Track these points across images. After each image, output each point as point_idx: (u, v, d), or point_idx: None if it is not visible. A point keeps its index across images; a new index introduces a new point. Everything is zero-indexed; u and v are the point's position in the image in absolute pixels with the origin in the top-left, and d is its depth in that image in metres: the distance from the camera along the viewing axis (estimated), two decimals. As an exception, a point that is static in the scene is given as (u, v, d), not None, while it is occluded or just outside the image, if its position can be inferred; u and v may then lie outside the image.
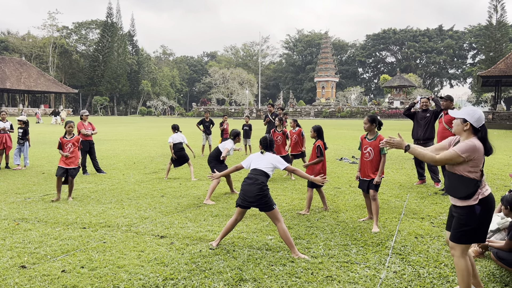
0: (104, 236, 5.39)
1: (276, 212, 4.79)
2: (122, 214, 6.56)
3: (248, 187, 4.82)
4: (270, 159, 5.01)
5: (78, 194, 8.15)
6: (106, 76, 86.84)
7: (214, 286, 3.85)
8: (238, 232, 5.55)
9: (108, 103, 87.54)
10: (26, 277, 4.03)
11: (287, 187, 9.02)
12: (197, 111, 78.56)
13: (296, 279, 4.03)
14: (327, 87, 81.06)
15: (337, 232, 5.64)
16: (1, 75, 65.71)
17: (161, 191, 8.59)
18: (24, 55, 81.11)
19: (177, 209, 7.01)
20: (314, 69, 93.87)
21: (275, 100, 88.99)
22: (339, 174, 10.72)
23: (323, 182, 5.06)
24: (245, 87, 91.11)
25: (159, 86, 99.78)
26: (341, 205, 7.27)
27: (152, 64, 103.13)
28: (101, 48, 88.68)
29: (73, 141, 7.94)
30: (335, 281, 4.00)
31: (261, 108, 75.65)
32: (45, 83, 71.79)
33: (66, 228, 5.75)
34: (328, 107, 71.40)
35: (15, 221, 6.12)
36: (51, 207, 7.02)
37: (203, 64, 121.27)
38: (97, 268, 4.28)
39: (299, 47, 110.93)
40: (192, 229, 5.73)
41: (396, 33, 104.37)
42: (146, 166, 12.45)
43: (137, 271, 4.20)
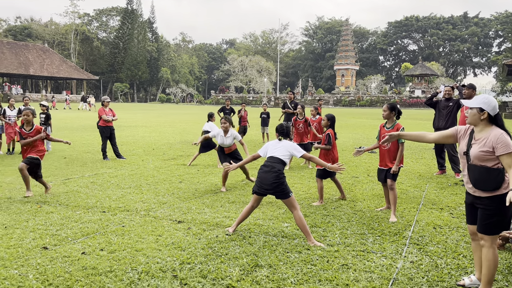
0: (123, 220, 5.49)
1: (293, 199, 4.79)
2: (141, 199, 6.67)
3: (264, 175, 4.81)
4: (287, 146, 4.97)
5: (98, 179, 8.30)
6: (126, 63, 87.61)
7: (230, 271, 3.89)
8: (254, 219, 5.58)
9: (128, 90, 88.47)
10: (47, 258, 4.14)
11: (304, 175, 9.00)
12: (215, 98, 78.73)
13: (311, 266, 4.04)
14: (346, 75, 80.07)
15: (354, 221, 5.61)
16: (25, 61, 66.95)
17: (179, 177, 8.67)
18: (46, 42, 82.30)
19: (195, 195, 7.08)
20: (334, 57, 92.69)
21: (293, 88, 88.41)
22: (357, 164, 10.63)
23: (341, 170, 5.00)
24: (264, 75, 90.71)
25: (178, 73, 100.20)
26: (358, 194, 7.23)
27: (171, 52, 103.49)
28: (121, 35, 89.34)
29: (32, 135, 6.94)
30: (350, 269, 3.99)
31: (279, 96, 75.34)
32: (67, 70, 72.88)
33: (86, 212, 5.88)
34: (347, 96, 70.58)
35: (38, 203, 6.29)
36: (72, 191, 7.18)
37: (221, 52, 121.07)
38: (116, 251, 4.37)
39: (319, 35, 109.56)
40: (209, 215, 5.79)
41: (419, 20, 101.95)
42: (165, 152, 12.58)
43: (155, 255, 4.27)
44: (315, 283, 3.68)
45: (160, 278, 3.72)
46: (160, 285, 3.58)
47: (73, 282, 3.60)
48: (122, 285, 3.56)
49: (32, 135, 6.71)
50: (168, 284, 3.61)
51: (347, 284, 3.68)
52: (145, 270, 3.89)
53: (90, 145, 14.14)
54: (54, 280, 3.65)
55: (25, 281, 3.61)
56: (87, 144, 14.45)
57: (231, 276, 3.77)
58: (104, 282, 3.61)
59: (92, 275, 3.75)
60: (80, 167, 9.84)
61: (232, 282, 3.65)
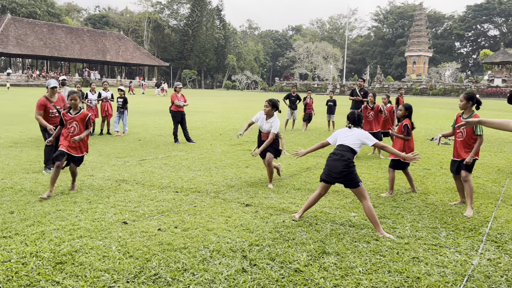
0: (195, 201, 5.75)
1: (362, 189, 4.71)
2: (211, 181, 6.92)
3: (333, 163, 4.75)
4: (358, 134, 4.85)
5: (170, 161, 8.72)
6: (195, 50, 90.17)
7: (298, 256, 3.95)
8: (320, 207, 5.59)
9: (196, 76, 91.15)
10: (127, 232, 4.47)
11: (371, 165, 8.80)
12: (279, 85, 78.68)
13: (380, 257, 3.99)
14: (418, 62, 76.26)
15: (425, 214, 5.42)
16: (103, 48, 71.23)
17: (246, 162, 8.86)
18: (122, 29, 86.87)
19: (261, 180, 7.20)
20: (405, 43, 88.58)
21: (360, 75, 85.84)
22: (429, 155, 10.18)
23: (415, 159, 4.83)
24: (330, 61, 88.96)
25: (244, 60, 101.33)
26: (430, 187, 6.94)
27: (238, 39, 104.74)
28: (191, 23, 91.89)
29: (78, 119, 6.11)
30: (422, 262, 3.89)
31: (345, 83, 73.58)
32: (140, 56, 76.53)
33: (161, 191, 6.23)
34: (418, 84, 67.30)
35: (117, 181, 6.76)
36: (147, 171, 7.62)
37: (287, 38, 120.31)
38: (189, 229, 4.60)
39: (389, 20, 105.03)
40: (275, 200, 5.88)
41: (502, 3, 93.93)
42: (231, 137, 12.88)
43: (225, 235, 4.44)
44: (384, 274, 3.63)
45: (230, 257, 3.87)
46: (230, 264, 3.73)
47: (151, 256, 3.86)
48: (195, 262, 3.76)
49: (77, 120, 6.04)
50: (238, 263, 3.75)
51: (418, 277, 3.59)
52: (216, 248, 4.07)
53: (162, 128, 14.84)
54: (134, 252, 3.93)
55: (109, 252, 3.93)
56: (159, 127, 15.18)
57: (299, 261, 3.83)
58: (179, 258, 3.83)
59: (168, 251, 4.00)
60: (153, 149, 10.38)
61: (299, 267, 3.71)
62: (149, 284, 3.34)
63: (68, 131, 6.07)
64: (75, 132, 6.05)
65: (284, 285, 3.39)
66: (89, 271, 3.52)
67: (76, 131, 6.07)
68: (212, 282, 3.40)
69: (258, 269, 3.66)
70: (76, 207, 5.30)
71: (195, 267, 3.64)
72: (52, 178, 5.85)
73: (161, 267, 3.64)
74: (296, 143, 12.00)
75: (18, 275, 3.41)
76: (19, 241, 4.15)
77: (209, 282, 3.40)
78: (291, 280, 3.47)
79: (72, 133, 6.04)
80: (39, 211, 5.11)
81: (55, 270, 3.54)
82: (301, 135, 14.05)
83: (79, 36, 69.52)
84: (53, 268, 3.57)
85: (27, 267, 3.57)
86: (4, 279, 3.33)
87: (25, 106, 24.20)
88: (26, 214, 4.98)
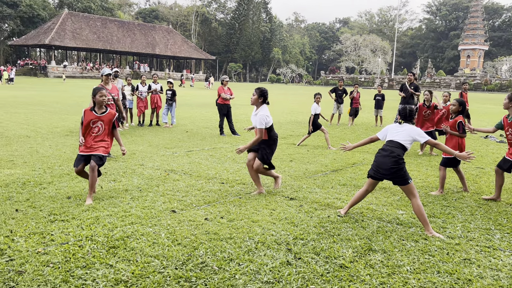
0: (240, 192, 5.83)
1: (412, 186, 4.57)
2: (255, 174, 6.98)
3: (382, 159, 4.64)
4: (409, 131, 4.70)
5: (216, 153, 8.88)
6: (240, 44, 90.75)
7: (343, 251, 3.92)
8: (367, 203, 5.50)
9: (241, 69, 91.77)
10: (176, 220, 4.61)
11: (421, 163, 8.53)
12: (325, 79, 77.63)
13: (429, 257, 3.88)
14: (473, 56, 72.63)
15: (478, 214, 5.20)
16: (152, 41, 73.22)
17: (290, 156, 8.85)
18: (170, 23, 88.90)
19: (305, 174, 7.18)
20: (459, 35, 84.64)
21: (410, 69, 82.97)
22: (483, 153, 9.73)
23: (470, 158, 4.63)
24: (378, 54, 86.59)
25: (289, 53, 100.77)
26: (484, 186, 6.64)
27: (283, 32, 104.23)
28: (237, 16, 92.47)
29: (106, 119, 5.42)
30: (474, 264, 3.74)
31: (394, 77, 71.43)
32: (187, 50, 78.01)
33: (207, 182, 6.36)
34: (472, 79, 64.14)
35: (166, 171, 6.98)
36: (194, 162, 7.80)
37: (334, 31, 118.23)
38: (234, 220, 4.68)
39: (443, 11, 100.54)
40: (320, 195, 5.85)
41: None
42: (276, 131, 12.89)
43: (270, 227, 4.48)
44: (433, 274, 3.53)
45: (275, 250, 3.91)
46: (275, 256, 3.77)
47: (198, 244, 3.97)
48: (240, 252, 3.82)
49: (103, 120, 5.38)
50: (283, 256, 3.78)
51: (470, 279, 3.46)
52: (261, 240, 4.12)
53: (209, 121, 15.11)
54: (182, 240, 4.06)
55: (158, 239, 4.08)
56: (206, 120, 15.46)
57: (344, 257, 3.80)
58: (225, 247, 3.91)
59: (214, 240, 4.09)
60: (200, 140, 10.61)
61: (345, 263, 3.68)
62: (196, 271, 3.44)
63: (91, 132, 5.35)
64: (99, 133, 5.38)
65: (329, 280, 3.38)
66: (140, 256, 3.67)
67: (101, 132, 5.39)
68: (257, 273, 3.45)
69: (303, 263, 3.67)
70: (128, 195, 5.53)
71: (241, 258, 3.71)
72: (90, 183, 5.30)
73: (208, 255, 3.74)
74: (341, 138, 11.84)
75: (75, 257, 3.62)
76: (75, 225, 4.40)
77: (254, 273, 3.45)
78: (336, 275, 3.46)
79: (96, 134, 5.37)
80: (93, 197, 5.37)
81: (108, 253, 3.72)
82: (346, 130, 13.83)
83: (130, 29, 71.84)
84: (106, 251, 3.76)
85: (83, 249, 3.78)
86: (62, 260, 3.55)
87: (80, 96, 25.43)
88: (82, 200, 5.26)
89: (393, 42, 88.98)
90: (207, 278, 3.34)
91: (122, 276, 3.31)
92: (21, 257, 3.57)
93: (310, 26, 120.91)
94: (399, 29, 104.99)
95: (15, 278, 3.24)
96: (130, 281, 3.25)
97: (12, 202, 5.08)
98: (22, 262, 3.49)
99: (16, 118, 14.03)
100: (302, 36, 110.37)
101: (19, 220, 4.48)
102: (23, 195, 5.39)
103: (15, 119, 13.61)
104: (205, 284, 3.25)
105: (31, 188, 5.69)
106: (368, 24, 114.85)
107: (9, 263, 3.48)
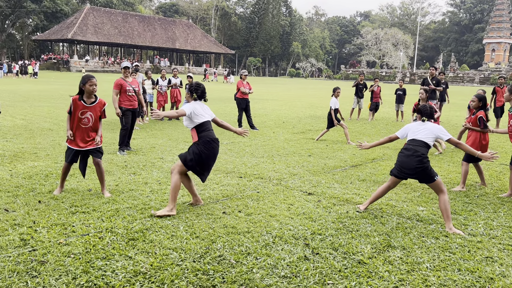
0: (258, 187, 5.83)
1: (439, 182, 4.49)
2: (273, 169, 6.97)
3: (406, 159, 4.55)
4: (432, 128, 4.62)
5: (235, 147, 8.89)
6: (260, 38, 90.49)
7: (361, 247, 3.88)
8: (386, 199, 5.42)
9: (260, 64, 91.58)
10: (194, 214, 4.64)
11: (443, 159, 8.37)
12: (345, 73, 76.81)
13: (450, 254, 3.80)
14: (498, 50, 70.70)
15: (502, 212, 5.07)
16: (172, 36, 73.69)
17: (308, 150, 8.81)
18: (190, 17, 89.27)
19: (324, 169, 7.13)
20: (483, 29, 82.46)
21: (432, 63, 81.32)
22: (507, 149, 9.48)
23: (494, 158, 4.52)
24: (400, 48, 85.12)
25: (309, 47, 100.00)
26: (507, 183, 6.46)
27: (303, 25, 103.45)
28: (257, 10, 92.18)
29: (95, 109, 5.14)
30: (496, 263, 3.66)
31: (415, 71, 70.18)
32: (207, 44, 78.24)
33: (226, 176, 6.39)
34: (497, 73, 62.45)
35: (184, 165, 7.02)
36: (212, 156, 7.83)
37: (355, 25, 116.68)
38: (252, 214, 4.69)
39: (467, 4, 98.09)
40: (338, 190, 5.80)
41: None
42: (294, 126, 12.84)
43: (287, 222, 4.47)
44: (453, 272, 3.47)
45: (292, 244, 3.90)
46: (293, 251, 3.76)
47: (216, 237, 3.99)
48: (258, 246, 3.83)
49: (92, 110, 5.11)
50: (301, 251, 3.77)
51: (492, 278, 3.38)
52: (278, 235, 4.11)
53: (227, 115, 15.14)
54: (200, 233, 4.09)
55: (177, 231, 4.11)
56: (224, 114, 15.50)
57: (363, 253, 3.77)
58: (243, 241, 3.92)
59: (232, 234, 4.10)
60: (218, 134, 10.52)
61: (363, 259, 3.64)
62: (214, 264, 3.46)
63: (81, 123, 5.07)
64: (89, 124, 5.11)
65: (347, 276, 3.35)
66: (159, 249, 3.72)
67: (91, 123, 5.12)
68: (275, 268, 3.44)
69: (321, 258, 3.65)
70: (147, 188, 5.60)
71: (258, 252, 3.71)
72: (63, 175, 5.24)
73: (226, 249, 3.75)
74: (361, 133, 11.71)
75: (95, 248, 3.69)
76: (96, 217, 4.47)
77: (272, 267, 3.45)
78: (354, 271, 3.43)
79: (86, 125, 5.10)
80: (114, 190, 5.45)
81: (128, 245, 3.77)
82: (366, 125, 13.67)
83: (150, 24, 72.44)
84: (126, 243, 3.81)
85: (103, 241, 3.84)
86: (83, 251, 3.62)
87: (102, 90, 25.78)
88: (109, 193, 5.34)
89: (415, 36, 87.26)
90: (224, 271, 3.36)
91: (141, 268, 3.35)
92: (43, 248, 3.66)
93: (331, 20, 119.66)
94: (421, 22, 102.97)
95: (37, 267, 3.32)
96: (149, 273, 3.29)
97: (35, 194, 5.20)
98: (44, 252, 3.58)
99: (39, 111, 14.35)
100: (322, 30, 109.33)
101: (42, 211, 4.58)
102: (45, 187, 5.52)
103: (38, 113, 13.92)
104: (222, 277, 3.27)
105: (54, 180, 5.82)
106: (389, 18, 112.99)
107: (32, 253, 3.57)
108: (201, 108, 4.82)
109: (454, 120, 15.70)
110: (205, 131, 4.73)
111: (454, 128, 13.20)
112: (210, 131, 4.77)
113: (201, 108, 4.82)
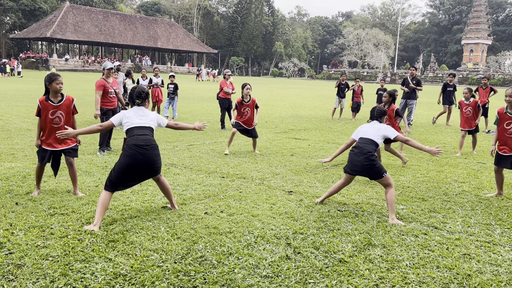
0: (240, 187, 5.82)
1: (387, 178, 4.80)
2: (256, 168, 6.97)
3: (354, 157, 4.88)
4: (380, 128, 5.00)
5: (217, 147, 8.86)
6: (243, 37, 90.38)
7: (342, 246, 3.91)
8: (367, 198, 5.49)
9: (243, 63, 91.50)
10: (176, 214, 4.61)
11: (422, 157, 8.50)
12: (327, 73, 77.37)
13: (429, 251, 3.87)
14: (476, 51, 72.20)
15: (479, 210, 5.18)
16: (154, 35, 73.01)
17: (291, 150, 8.84)
18: (172, 16, 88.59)
19: (306, 168, 7.17)
20: (462, 30, 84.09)
21: (412, 64, 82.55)
22: (484, 148, 9.69)
23: (438, 153, 4.79)
24: (381, 49, 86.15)
25: (291, 47, 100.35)
26: (485, 182, 6.62)
27: (286, 25, 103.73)
28: (239, 10, 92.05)
29: (64, 107, 5.06)
30: (473, 260, 3.73)
31: (396, 71, 71.17)
32: (189, 43, 77.77)
33: (208, 176, 6.36)
34: (475, 73, 63.85)
35: (166, 165, 6.97)
36: (195, 156, 7.79)
37: (337, 25, 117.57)
38: (234, 214, 4.68)
39: (446, 5, 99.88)
40: (320, 189, 5.84)
41: None
42: (277, 125, 12.87)
43: (269, 222, 4.48)
44: (432, 269, 3.52)
45: (274, 244, 3.90)
46: (275, 251, 3.76)
47: (197, 238, 3.97)
48: (240, 246, 3.82)
49: (62, 108, 5.04)
50: (283, 250, 3.78)
51: (469, 274, 3.45)
52: (260, 234, 4.11)
53: (210, 114, 15.08)
54: (181, 234, 4.06)
55: (157, 233, 4.08)
56: (207, 113, 15.43)
57: (344, 251, 3.80)
58: (225, 242, 3.91)
59: (214, 234, 4.09)
60: (201, 134, 10.59)
61: (344, 257, 3.67)
62: (195, 265, 3.44)
63: (52, 124, 4.99)
64: (61, 123, 5.00)
65: (328, 275, 3.38)
66: (139, 250, 3.67)
67: (63, 121, 5.02)
68: (256, 267, 3.44)
69: (302, 257, 3.66)
70: (128, 189, 5.52)
71: (240, 252, 3.70)
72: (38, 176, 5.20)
73: (207, 249, 3.74)
74: (343, 133, 11.81)
75: (74, 250, 3.62)
76: (75, 218, 4.40)
77: (254, 267, 3.45)
78: (335, 270, 3.45)
79: (57, 125, 4.99)
80: (93, 191, 5.37)
81: (107, 247, 3.72)
82: (349, 124, 13.80)
83: (132, 23, 71.60)
84: (106, 245, 3.76)
85: (82, 243, 3.78)
86: (61, 254, 3.55)
87: (81, 90, 25.39)
88: (81, 193, 5.25)
89: (396, 36, 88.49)
90: (206, 272, 3.34)
91: (121, 270, 3.31)
92: (20, 251, 3.58)
93: (313, 20, 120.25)
94: (402, 23, 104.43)
95: (14, 271, 3.24)
96: (129, 275, 3.25)
97: (12, 196, 5.09)
98: (22, 255, 3.50)
99: (17, 111, 14.03)
100: (305, 30, 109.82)
101: (19, 213, 4.48)
102: (23, 188, 5.40)
103: (16, 112, 13.62)
104: (204, 278, 3.25)
105: (31, 182, 5.69)
106: (371, 18, 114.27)
107: (8, 256, 3.49)
108: (136, 114, 4.40)
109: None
110: (131, 136, 4.31)
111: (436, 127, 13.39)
112: (135, 137, 4.26)
113: (136, 114, 4.40)
